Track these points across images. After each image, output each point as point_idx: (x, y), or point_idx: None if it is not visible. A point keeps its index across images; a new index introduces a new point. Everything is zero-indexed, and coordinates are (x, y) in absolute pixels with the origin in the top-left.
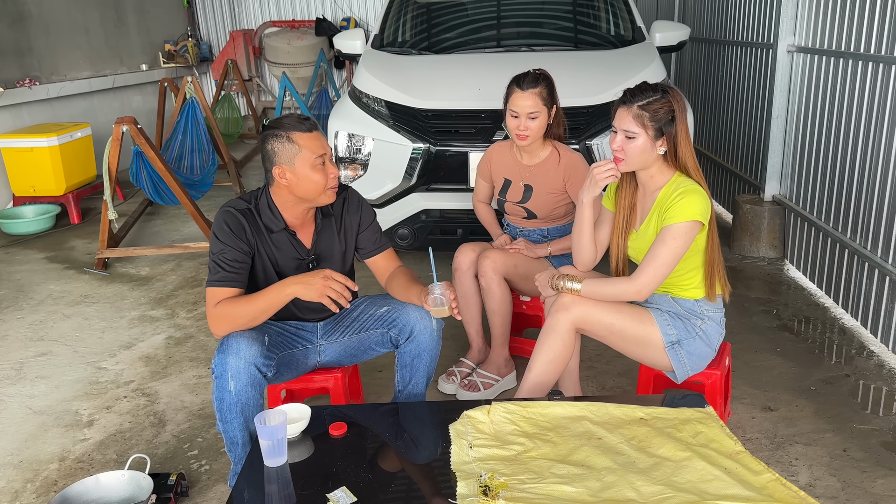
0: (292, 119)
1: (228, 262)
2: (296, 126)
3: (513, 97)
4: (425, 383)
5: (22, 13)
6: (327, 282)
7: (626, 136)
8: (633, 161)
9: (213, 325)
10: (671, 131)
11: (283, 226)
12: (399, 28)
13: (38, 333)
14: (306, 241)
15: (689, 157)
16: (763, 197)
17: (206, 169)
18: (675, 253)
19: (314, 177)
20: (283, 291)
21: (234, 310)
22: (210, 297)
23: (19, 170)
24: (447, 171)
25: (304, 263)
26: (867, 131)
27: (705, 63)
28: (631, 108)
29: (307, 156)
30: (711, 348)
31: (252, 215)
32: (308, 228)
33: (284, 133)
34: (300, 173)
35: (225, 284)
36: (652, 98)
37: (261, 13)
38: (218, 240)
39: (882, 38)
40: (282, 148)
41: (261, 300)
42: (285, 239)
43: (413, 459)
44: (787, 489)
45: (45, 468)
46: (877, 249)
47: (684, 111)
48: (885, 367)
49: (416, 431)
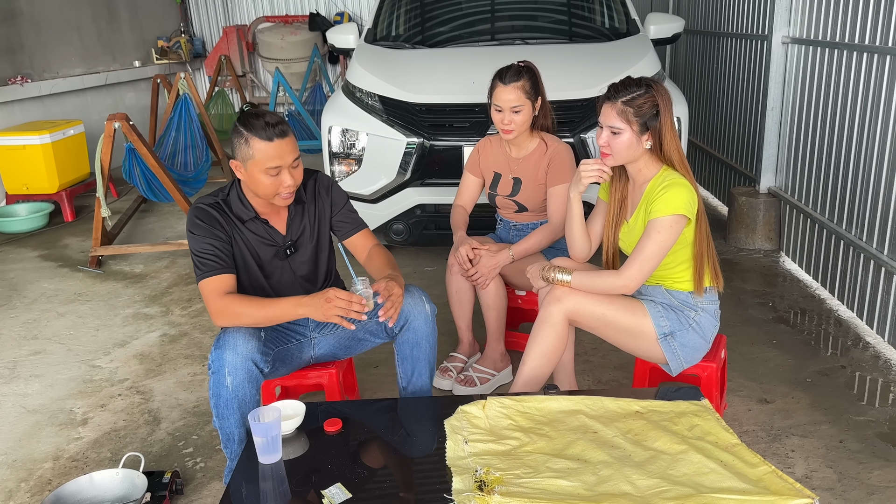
0: (261, 122)
1: (212, 253)
2: (259, 131)
3: (496, 91)
4: (429, 374)
5: (13, 10)
6: (329, 304)
7: (611, 131)
8: (620, 156)
9: (217, 317)
10: (656, 125)
11: (254, 214)
12: (392, 22)
13: (32, 332)
14: (280, 228)
15: (675, 151)
16: (758, 189)
17: (199, 165)
18: (662, 246)
19: (264, 181)
20: (295, 310)
21: (243, 310)
22: (207, 288)
23: (12, 168)
24: (442, 166)
25: (281, 250)
26: (862, 122)
27: (700, 55)
28: (615, 104)
29: (260, 162)
30: (706, 340)
31: (222, 208)
32: (281, 215)
33: (245, 134)
34: (251, 174)
35: (217, 272)
36: (636, 93)
37: (254, 8)
38: (195, 235)
39: (876, 29)
40: (239, 146)
41: (271, 309)
42: (259, 227)
43: (408, 455)
44: (783, 481)
45: (39, 467)
46: (872, 240)
47: (669, 105)
48: (880, 358)
49: (411, 427)
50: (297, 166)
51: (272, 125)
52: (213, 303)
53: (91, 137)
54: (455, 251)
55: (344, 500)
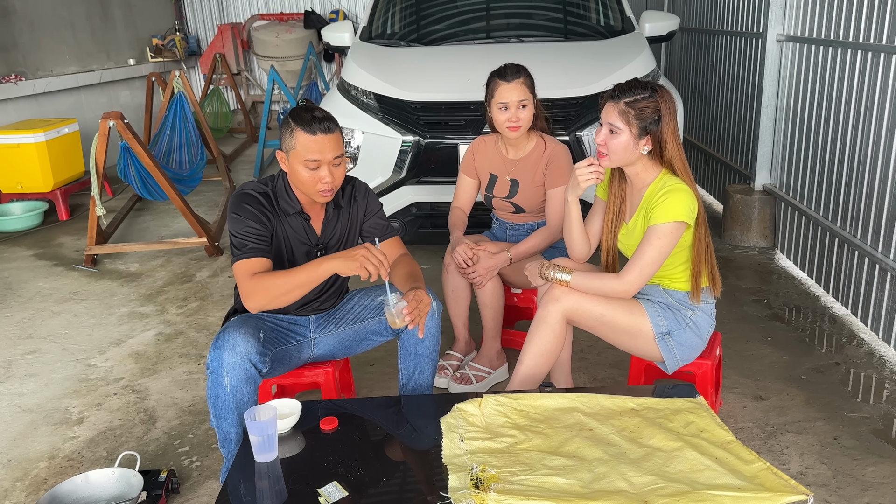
0: (309, 116)
1: (254, 235)
2: (304, 124)
3: (499, 90)
4: (431, 371)
5: (7, 8)
6: (367, 253)
7: (610, 129)
8: (616, 157)
9: (249, 298)
10: (656, 131)
11: (299, 208)
12: (387, 20)
13: (27, 331)
14: (317, 229)
15: (677, 158)
16: (753, 187)
17: (194, 164)
18: (661, 252)
19: (303, 174)
20: (321, 266)
21: (272, 281)
22: (242, 269)
23: (6, 166)
24: (437, 164)
25: (313, 251)
26: (857, 120)
27: (695, 53)
28: (617, 104)
29: (300, 154)
30: (702, 339)
31: (269, 198)
32: (319, 216)
33: (292, 125)
34: (292, 166)
35: (255, 255)
36: (640, 96)
37: (249, 6)
38: (239, 216)
39: (871, 27)
40: (285, 136)
41: (299, 274)
42: (300, 224)
43: (404, 453)
44: (777, 478)
45: (35, 466)
46: (867, 238)
47: (672, 112)
48: (875, 355)
49: (408, 425)
50: (339, 165)
51: (319, 120)
52: (245, 284)
53: (85, 136)
54: (452, 250)
55: (340, 498)
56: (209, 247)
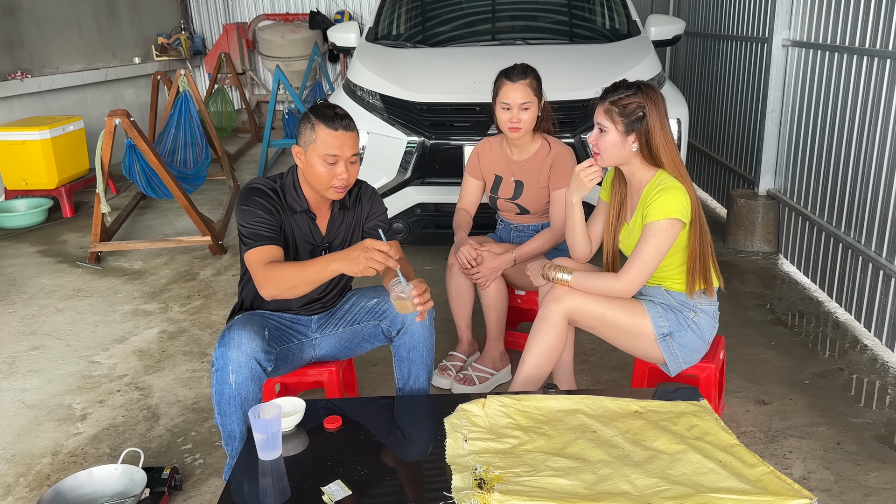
0: (331, 112)
1: (265, 225)
2: (326, 120)
3: (503, 90)
4: (426, 377)
5: (13, 5)
6: (368, 253)
7: (599, 129)
8: (607, 155)
9: (263, 287)
10: (641, 128)
11: (306, 207)
12: (393, 21)
13: (31, 327)
14: (322, 228)
15: (665, 154)
16: (757, 191)
17: (199, 163)
18: (658, 250)
19: (320, 169)
20: (328, 267)
21: (282, 273)
22: (255, 258)
23: (11, 163)
24: (442, 165)
25: (318, 250)
26: (861, 126)
27: (700, 57)
28: (604, 104)
29: (320, 148)
30: (704, 341)
31: (277, 195)
32: (325, 216)
33: (313, 120)
34: (309, 160)
35: (266, 242)
36: (623, 94)
37: (254, 6)
38: (248, 208)
39: (877, 32)
40: (304, 130)
41: (307, 270)
42: (305, 222)
43: (408, 453)
44: (781, 482)
45: (38, 462)
46: (871, 244)
47: (658, 108)
48: (878, 360)
49: (411, 425)
50: (355, 163)
51: (340, 117)
52: (258, 273)
53: (90, 133)
54: (456, 251)
55: (343, 497)
56: (213, 245)
